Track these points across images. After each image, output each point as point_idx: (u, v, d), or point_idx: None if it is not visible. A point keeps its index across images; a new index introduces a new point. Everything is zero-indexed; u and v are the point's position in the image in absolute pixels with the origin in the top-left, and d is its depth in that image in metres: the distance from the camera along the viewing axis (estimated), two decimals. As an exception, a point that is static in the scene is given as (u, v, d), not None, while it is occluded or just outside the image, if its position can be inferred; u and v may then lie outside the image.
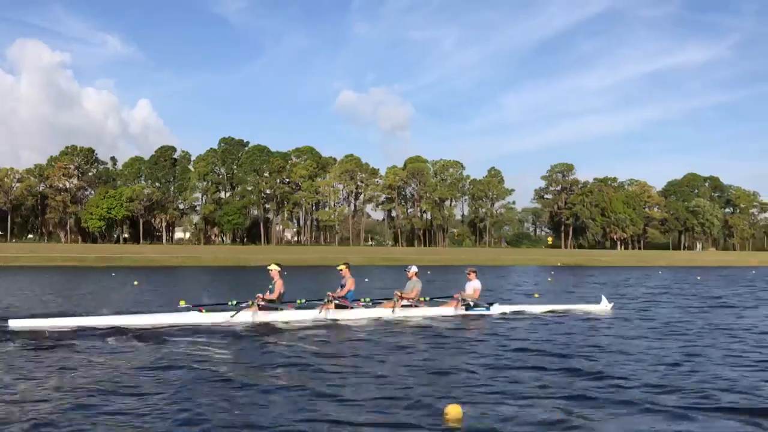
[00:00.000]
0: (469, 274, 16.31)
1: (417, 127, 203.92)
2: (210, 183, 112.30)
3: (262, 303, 13.61)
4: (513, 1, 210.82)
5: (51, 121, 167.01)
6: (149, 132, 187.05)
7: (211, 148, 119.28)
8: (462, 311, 15.54)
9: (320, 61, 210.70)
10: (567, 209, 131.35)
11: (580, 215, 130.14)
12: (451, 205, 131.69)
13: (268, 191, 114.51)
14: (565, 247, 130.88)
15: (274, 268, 14.09)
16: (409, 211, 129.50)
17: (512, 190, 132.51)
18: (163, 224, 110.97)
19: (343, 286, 14.85)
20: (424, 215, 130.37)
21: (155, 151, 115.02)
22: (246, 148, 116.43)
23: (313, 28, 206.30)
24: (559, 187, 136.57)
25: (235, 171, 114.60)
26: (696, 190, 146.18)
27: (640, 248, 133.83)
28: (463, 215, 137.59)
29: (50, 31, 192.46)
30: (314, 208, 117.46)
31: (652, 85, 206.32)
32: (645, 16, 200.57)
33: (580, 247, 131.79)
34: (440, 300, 16.22)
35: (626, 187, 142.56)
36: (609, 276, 43.79)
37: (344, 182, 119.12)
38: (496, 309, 15.92)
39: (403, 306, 14.98)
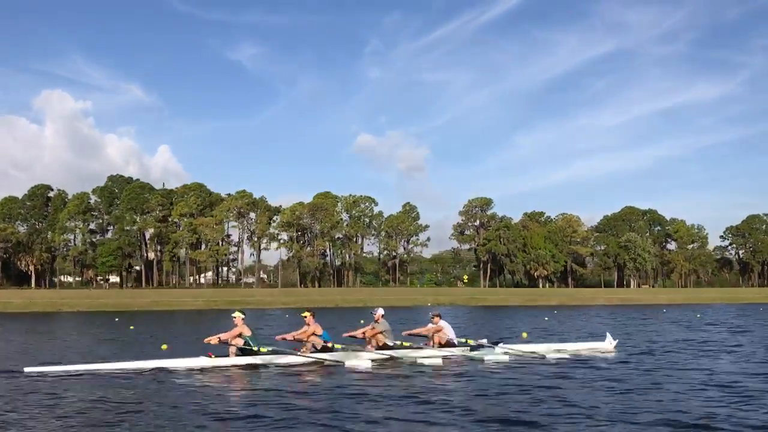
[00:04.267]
0: (433, 318, 16.12)
1: (433, 168, 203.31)
2: (84, 223, 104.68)
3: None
4: (522, 42, 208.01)
5: (74, 167, 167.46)
6: (169, 176, 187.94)
7: (97, 187, 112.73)
8: (465, 351, 15.47)
9: (334, 105, 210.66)
10: (482, 245, 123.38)
11: (495, 252, 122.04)
12: (361, 242, 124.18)
13: (150, 231, 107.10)
14: (484, 285, 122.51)
15: (237, 315, 13.82)
16: (315, 248, 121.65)
17: (427, 226, 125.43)
18: (31, 267, 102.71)
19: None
20: (334, 254, 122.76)
21: (28, 190, 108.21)
22: (128, 186, 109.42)
23: (327, 73, 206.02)
24: (477, 223, 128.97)
25: (114, 210, 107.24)
26: (633, 225, 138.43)
27: (567, 286, 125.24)
28: (380, 253, 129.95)
29: (72, 81, 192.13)
30: (200, 247, 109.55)
31: (664, 122, 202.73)
32: (655, 54, 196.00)
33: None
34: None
35: (556, 221, 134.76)
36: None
37: (235, 219, 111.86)
38: (501, 349, 15.79)
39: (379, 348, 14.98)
